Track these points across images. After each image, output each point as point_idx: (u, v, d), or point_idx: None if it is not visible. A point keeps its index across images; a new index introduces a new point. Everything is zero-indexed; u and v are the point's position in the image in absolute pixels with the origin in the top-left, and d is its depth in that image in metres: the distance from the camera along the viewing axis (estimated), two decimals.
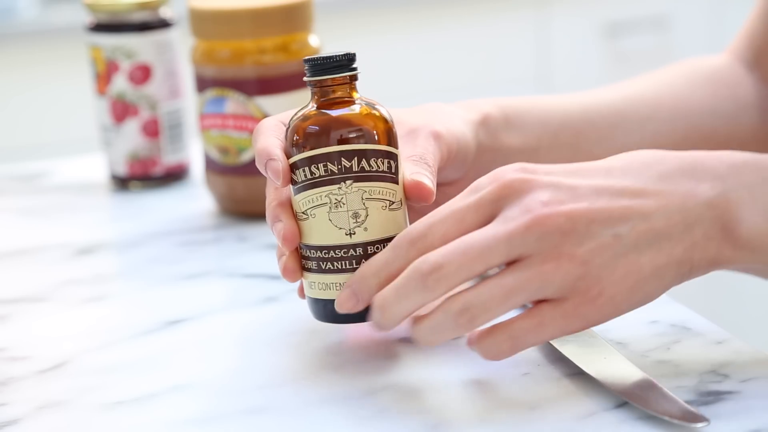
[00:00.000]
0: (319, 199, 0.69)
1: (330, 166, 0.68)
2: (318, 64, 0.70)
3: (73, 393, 0.71)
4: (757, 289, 2.19)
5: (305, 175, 0.69)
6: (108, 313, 0.84)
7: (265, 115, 0.97)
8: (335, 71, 0.70)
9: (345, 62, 0.70)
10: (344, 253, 0.69)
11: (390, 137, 0.70)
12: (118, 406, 0.69)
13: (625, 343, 0.72)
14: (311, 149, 0.69)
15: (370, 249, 0.69)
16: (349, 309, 0.68)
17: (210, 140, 1.00)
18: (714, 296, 2.21)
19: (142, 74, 1.08)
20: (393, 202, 0.70)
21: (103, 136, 1.11)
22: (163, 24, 1.09)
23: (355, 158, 0.68)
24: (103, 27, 1.08)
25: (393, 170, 0.70)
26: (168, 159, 1.10)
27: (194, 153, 1.14)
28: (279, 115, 0.74)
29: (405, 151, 0.73)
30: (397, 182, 0.70)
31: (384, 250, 0.67)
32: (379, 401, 0.67)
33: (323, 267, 0.70)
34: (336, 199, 0.69)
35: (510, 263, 0.64)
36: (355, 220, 0.69)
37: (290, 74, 0.98)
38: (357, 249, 0.69)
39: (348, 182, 0.68)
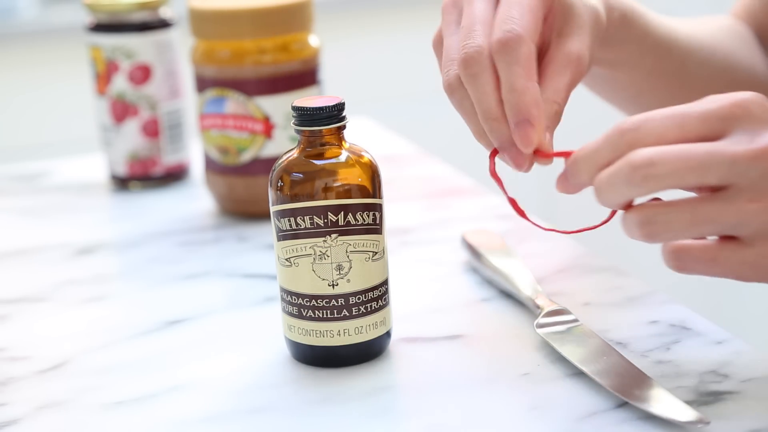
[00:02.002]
0: (303, 249, 0.69)
1: (316, 219, 0.69)
2: (307, 114, 0.69)
3: (73, 393, 0.71)
4: (757, 289, 2.19)
5: (290, 225, 0.69)
6: (108, 313, 0.84)
7: (266, 115, 0.97)
8: (324, 122, 0.69)
9: (335, 113, 0.69)
10: (326, 303, 0.69)
11: (375, 187, 0.70)
12: (118, 406, 0.69)
13: (625, 343, 0.72)
14: (296, 198, 0.69)
15: (351, 299, 0.70)
16: (563, 190, 0.65)
17: (210, 140, 1.00)
18: (714, 296, 2.21)
19: (142, 74, 1.08)
20: (376, 253, 0.70)
21: (103, 136, 1.11)
22: (163, 24, 1.09)
23: (342, 213, 0.69)
24: (103, 27, 1.08)
25: (377, 221, 0.70)
26: (168, 159, 1.10)
27: (194, 153, 1.14)
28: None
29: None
30: (380, 232, 0.70)
31: (597, 139, 0.63)
32: (379, 401, 0.67)
33: (304, 314, 0.70)
34: (320, 251, 0.69)
35: (714, 190, 0.61)
36: (338, 272, 0.69)
37: (290, 74, 0.97)
38: (339, 299, 0.69)
39: (333, 236, 0.69)
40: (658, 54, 0.85)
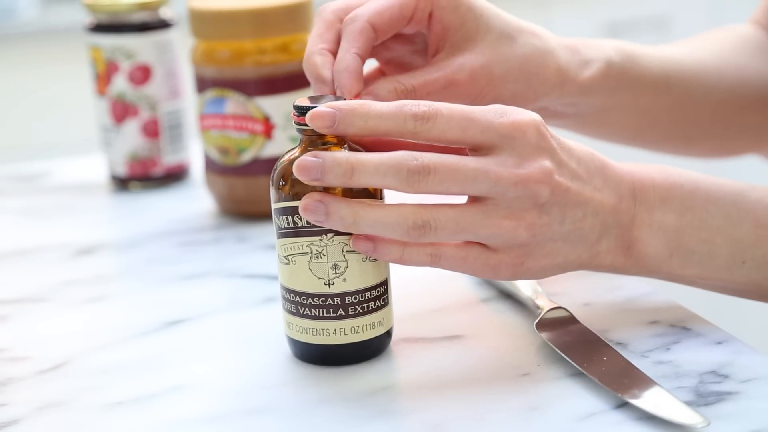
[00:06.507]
0: (300, 248, 0.69)
1: None
2: (307, 111, 0.69)
3: (73, 393, 0.71)
4: None
5: (288, 223, 0.69)
6: (108, 313, 0.84)
7: (266, 116, 0.97)
8: None
9: None
10: (322, 301, 0.69)
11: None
12: (118, 406, 0.69)
13: (625, 343, 0.72)
14: (297, 196, 0.69)
15: (348, 299, 0.69)
16: (318, 126, 0.67)
17: (210, 140, 1.00)
18: (714, 296, 2.20)
19: (142, 74, 1.08)
20: None
21: (103, 136, 1.11)
22: (163, 24, 1.09)
23: None
24: (103, 27, 1.08)
25: None
26: (168, 159, 1.10)
27: (194, 153, 1.14)
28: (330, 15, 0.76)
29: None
30: None
31: (388, 104, 0.67)
32: (379, 401, 0.67)
33: (301, 312, 0.70)
34: (317, 250, 0.69)
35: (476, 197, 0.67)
36: (334, 272, 0.69)
37: (290, 74, 0.97)
38: (335, 299, 0.69)
39: (329, 235, 0.69)
40: (655, 92, 0.86)
